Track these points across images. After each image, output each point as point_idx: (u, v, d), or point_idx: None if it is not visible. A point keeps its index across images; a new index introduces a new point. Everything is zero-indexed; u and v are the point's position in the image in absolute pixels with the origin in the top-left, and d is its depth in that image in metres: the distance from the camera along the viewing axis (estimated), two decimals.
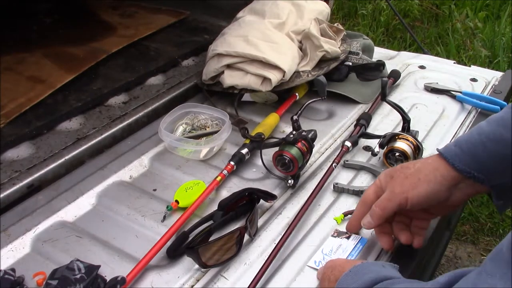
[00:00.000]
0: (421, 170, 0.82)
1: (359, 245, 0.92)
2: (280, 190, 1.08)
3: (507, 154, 0.76)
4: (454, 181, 0.80)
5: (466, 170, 0.79)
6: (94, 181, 1.09)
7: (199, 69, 1.47)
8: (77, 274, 0.82)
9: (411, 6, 3.62)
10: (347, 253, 0.90)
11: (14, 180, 1.05)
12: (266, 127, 1.21)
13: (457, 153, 0.80)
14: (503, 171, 0.78)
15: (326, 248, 0.92)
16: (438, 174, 0.80)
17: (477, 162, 0.78)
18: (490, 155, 0.78)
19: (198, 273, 0.88)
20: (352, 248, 0.91)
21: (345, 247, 0.92)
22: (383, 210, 0.83)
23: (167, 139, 1.17)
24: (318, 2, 1.52)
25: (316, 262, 0.89)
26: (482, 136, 0.79)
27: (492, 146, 0.78)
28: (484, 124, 0.82)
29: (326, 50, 1.33)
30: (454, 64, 1.62)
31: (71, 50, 1.54)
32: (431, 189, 0.80)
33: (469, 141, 0.80)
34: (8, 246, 0.93)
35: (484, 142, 0.78)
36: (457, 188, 0.81)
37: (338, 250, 0.91)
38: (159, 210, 1.01)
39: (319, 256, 0.91)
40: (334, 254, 0.90)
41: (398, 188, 0.82)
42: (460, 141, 0.82)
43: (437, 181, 0.80)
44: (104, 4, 1.89)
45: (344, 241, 0.93)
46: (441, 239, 1.13)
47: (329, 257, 0.90)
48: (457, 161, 0.79)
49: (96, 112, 1.30)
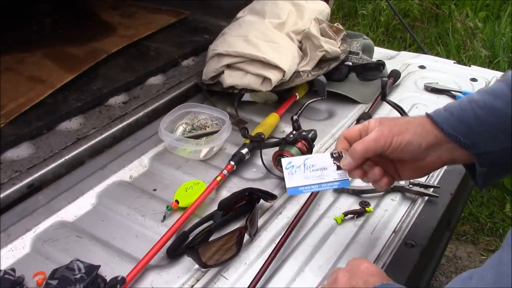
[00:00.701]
0: (410, 122, 0.84)
1: (337, 183, 0.87)
2: (280, 190, 1.08)
3: (495, 122, 0.77)
4: (436, 140, 0.81)
5: (453, 133, 0.80)
6: (94, 181, 1.09)
7: (199, 69, 1.47)
8: (77, 274, 0.82)
9: (411, 6, 3.62)
10: (320, 181, 0.85)
11: (14, 180, 1.05)
12: (266, 127, 1.21)
13: (447, 117, 0.81)
14: (489, 139, 0.78)
15: (312, 161, 0.87)
16: (423, 129, 0.82)
17: (465, 127, 0.80)
18: (478, 122, 0.79)
19: (198, 273, 0.88)
20: (329, 181, 0.86)
21: (325, 175, 0.86)
22: (366, 149, 0.82)
23: (167, 139, 1.17)
24: (318, 2, 1.52)
25: (291, 163, 0.86)
26: (473, 104, 0.81)
27: (481, 113, 0.79)
28: (475, 94, 0.84)
29: (326, 50, 1.33)
30: (454, 64, 1.62)
31: (71, 50, 1.54)
32: (414, 140, 0.81)
33: (459, 107, 0.82)
34: (8, 246, 0.93)
35: (474, 109, 0.80)
36: (435, 150, 0.82)
37: (317, 172, 0.86)
38: (159, 210, 1.01)
39: (298, 161, 0.86)
40: (310, 172, 0.85)
41: (386, 131, 0.82)
42: (450, 107, 0.83)
43: (421, 135, 0.81)
44: (104, 4, 1.89)
45: (332, 168, 0.87)
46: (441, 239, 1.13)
47: (304, 170, 0.85)
48: (446, 125, 0.81)
49: (96, 112, 1.30)
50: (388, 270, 0.89)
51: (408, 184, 1.07)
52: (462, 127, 0.80)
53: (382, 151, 0.83)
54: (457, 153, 0.81)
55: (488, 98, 0.80)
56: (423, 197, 1.07)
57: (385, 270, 0.90)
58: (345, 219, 1.00)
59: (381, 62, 1.42)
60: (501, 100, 0.78)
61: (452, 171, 1.15)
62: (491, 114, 0.78)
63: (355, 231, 0.98)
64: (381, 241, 0.95)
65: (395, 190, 1.07)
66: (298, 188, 0.85)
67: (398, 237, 0.97)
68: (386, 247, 0.94)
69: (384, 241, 0.95)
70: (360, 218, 1.01)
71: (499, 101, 0.78)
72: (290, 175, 0.85)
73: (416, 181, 1.07)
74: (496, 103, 0.78)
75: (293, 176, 0.85)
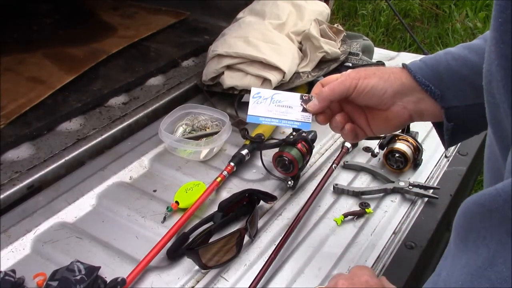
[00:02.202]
0: (380, 69, 0.83)
1: (298, 123, 0.85)
2: (280, 191, 1.08)
3: (466, 74, 0.77)
4: (403, 88, 0.80)
5: (424, 82, 0.79)
6: (94, 182, 1.09)
7: (199, 70, 1.47)
8: (77, 275, 0.82)
9: (411, 6, 3.62)
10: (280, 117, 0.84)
11: (14, 181, 1.05)
12: (266, 128, 1.21)
13: (420, 66, 0.81)
14: (459, 93, 0.78)
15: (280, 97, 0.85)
16: (392, 75, 0.81)
17: (437, 78, 0.79)
18: (451, 74, 0.79)
19: (198, 274, 0.89)
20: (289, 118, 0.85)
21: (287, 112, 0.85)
22: (332, 91, 0.81)
23: (167, 140, 1.17)
24: (318, 2, 1.52)
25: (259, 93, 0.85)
26: (448, 56, 0.81)
27: (455, 65, 0.79)
28: (452, 48, 0.83)
29: (326, 51, 1.33)
30: None
31: (71, 51, 1.54)
32: (379, 84, 0.80)
33: (434, 58, 0.82)
34: (9, 247, 0.93)
35: (449, 60, 0.80)
36: (402, 99, 0.81)
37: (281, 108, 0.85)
38: (159, 211, 1.02)
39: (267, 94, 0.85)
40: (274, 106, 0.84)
41: (353, 74, 0.81)
42: (425, 58, 0.83)
43: (388, 81, 0.80)
44: (105, 5, 1.89)
45: (297, 108, 0.85)
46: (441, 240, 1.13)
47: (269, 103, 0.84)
48: (419, 73, 0.80)
49: (96, 112, 1.30)
50: (388, 271, 0.90)
51: (407, 186, 1.07)
52: (434, 77, 0.79)
53: (348, 94, 0.81)
54: (425, 104, 0.80)
55: (464, 51, 0.80)
56: (422, 198, 1.07)
57: (385, 271, 0.90)
58: (345, 220, 1.00)
59: (381, 63, 1.42)
60: (476, 53, 0.78)
61: (452, 172, 1.15)
62: (464, 66, 0.78)
63: (355, 232, 0.98)
64: (381, 242, 0.95)
65: (395, 191, 1.07)
66: (258, 117, 0.85)
67: (398, 238, 0.97)
68: (386, 248, 0.94)
69: (384, 243, 0.95)
70: (360, 219, 1.01)
71: (474, 54, 0.78)
72: (255, 104, 0.85)
73: (415, 182, 1.07)
74: (470, 56, 0.78)
75: (257, 105, 0.85)
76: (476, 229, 0.49)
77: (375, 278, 0.73)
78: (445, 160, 1.19)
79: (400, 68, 0.83)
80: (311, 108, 0.83)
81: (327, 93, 0.82)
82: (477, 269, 0.47)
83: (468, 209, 0.50)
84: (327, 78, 0.86)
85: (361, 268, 0.75)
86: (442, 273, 0.54)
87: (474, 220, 0.49)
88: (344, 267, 0.90)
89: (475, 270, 0.47)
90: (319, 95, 0.82)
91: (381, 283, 0.73)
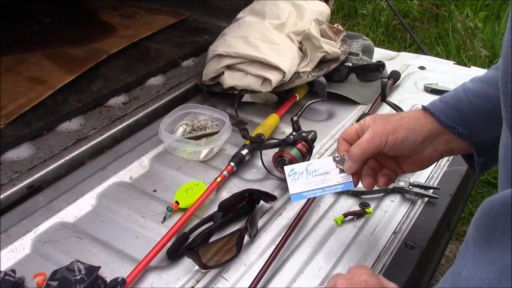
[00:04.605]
0: (404, 117, 0.83)
1: (340, 186, 0.86)
2: (280, 191, 1.08)
3: (491, 109, 0.77)
4: (430, 133, 0.81)
5: (450, 124, 0.80)
6: (94, 182, 1.09)
7: (199, 70, 1.47)
8: (77, 275, 0.82)
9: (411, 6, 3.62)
10: (323, 185, 0.85)
11: (14, 181, 1.05)
12: (266, 128, 1.21)
13: (443, 108, 0.81)
14: (486, 128, 0.78)
15: (314, 166, 0.86)
16: (418, 124, 0.82)
17: (462, 118, 0.80)
18: (475, 111, 0.79)
19: (198, 274, 0.89)
20: (332, 184, 0.86)
21: (327, 178, 0.86)
22: (363, 151, 0.82)
23: (167, 140, 1.17)
24: (318, 2, 1.52)
25: (293, 170, 0.85)
26: (468, 93, 0.81)
27: (477, 102, 0.79)
28: (469, 83, 0.83)
29: (326, 51, 1.33)
30: (454, 65, 1.62)
31: (71, 51, 1.54)
32: (408, 136, 0.81)
33: (455, 97, 0.82)
34: (9, 247, 0.93)
35: (470, 98, 0.80)
36: (432, 142, 0.82)
37: (320, 176, 0.86)
38: (159, 211, 1.02)
39: (300, 168, 0.86)
40: (313, 177, 0.85)
41: (380, 130, 0.82)
42: (445, 97, 0.83)
43: (416, 130, 0.81)
44: (104, 5, 1.89)
45: (335, 172, 0.86)
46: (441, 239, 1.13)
47: (307, 176, 0.85)
48: (443, 116, 0.80)
49: (96, 112, 1.30)
50: (388, 271, 0.90)
51: (408, 185, 1.07)
52: (458, 117, 0.80)
53: (379, 150, 0.82)
54: (455, 143, 0.81)
55: (483, 86, 0.80)
56: (423, 198, 1.07)
57: (385, 271, 0.90)
58: (345, 220, 1.00)
59: (381, 63, 1.42)
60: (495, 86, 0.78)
61: (452, 172, 1.15)
62: (487, 102, 0.78)
63: (355, 232, 0.98)
64: (381, 242, 0.95)
65: (395, 191, 1.07)
66: (301, 193, 0.85)
67: (398, 238, 0.97)
68: (386, 248, 0.94)
69: (384, 242, 0.95)
70: (360, 219, 1.01)
71: (494, 88, 0.78)
72: (293, 181, 0.85)
73: (415, 182, 1.07)
74: (491, 90, 0.78)
75: (295, 182, 0.85)
76: (502, 228, 0.51)
77: (373, 277, 0.73)
78: (445, 160, 1.19)
79: (422, 111, 0.83)
80: (348, 170, 0.86)
81: (358, 154, 0.83)
82: (504, 266, 0.49)
83: (493, 208, 0.52)
84: (347, 132, 0.87)
85: (359, 268, 0.75)
86: (463, 271, 0.55)
87: (499, 219, 0.51)
88: (344, 267, 0.90)
89: (502, 267, 0.49)
90: (351, 156, 0.84)
91: (380, 282, 0.73)
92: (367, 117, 0.87)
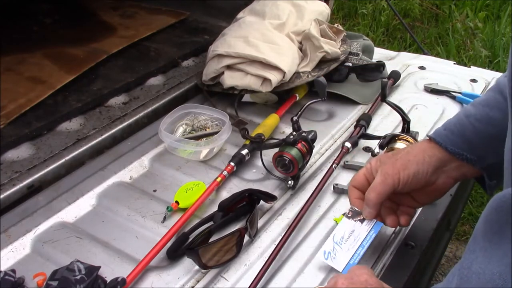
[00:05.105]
0: (410, 152, 0.84)
1: (372, 232, 0.87)
2: (280, 191, 1.08)
3: (495, 132, 0.77)
4: (440, 162, 0.82)
5: (458, 152, 0.80)
6: (94, 182, 1.09)
7: (199, 70, 1.47)
8: (77, 275, 0.82)
9: (411, 6, 3.62)
10: (359, 243, 0.86)
11: (14, 181, 1.05)
12: (266, 128, 1.21)
13: (448, 136, 0.82)
14: (493, 151, 0.78)
15: (338, 234, 0.87)
16: (425, 155, 0.82)
17: (468, 144, 0.80)
18: (479, 136, 0.79)
19: (198, 274, 0.89)
20: (365, 236, 0.86)
21: (357, 235, 0.86)
22: (379, 195, 0.83)
23: (167, 139, 1.17)
24: (318, 2, 1.52)
25: (325, 253, 0.85)
26: (471, 118, 0.81)
27: (480, 127, 0.79)
28: (470, 107, 0.84)
29: (326, 51, 1.33)
30: (454, 64, 1.62)
31: (71, 51, 1.54)
32: (419, 169, 0.81)
33: (458, 124, 0.82)
34: (9, 247, 0.93)
35: (473, 123, 0.80)
36: (443, 170, 0.82)
37: (350, 238, 0.86)
38: (159, 211, 1.02)
39: (329, 246, 0.86)
40: (345, 244, 0.85)
41: (391, 170, 0.82)
42: (449, 125, 0.83)
43: (425, 162, 0.81)
44: (104, 5, 1.89)
45: (358, 225, 0.87)
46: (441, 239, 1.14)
47: (340, 247, 0.85)
48: (449, 144, 0.81)
49: (96, 112, 1.30)
50: (388, 271, 0.90)
51: None
52: (464, 144, 0.80)
53: (394, 190, 0.83)
54: (465, 169, 0.82)
55: (484, 110, 0.80)
56: None
57: (385, 271, 0.90)
58: None
59: (381, 63, 1.42)
60: (497, 109, 0.79)
61: None
62: (490, 125, 0.79)
63: None
64: (381, 242, 0.95)
65: None
66: (349, 264, 0.85)
67: (398, 238, 0.97)
68: (386, 248, 0.94)
69: (384, 242, 0.95)
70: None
71: (495, 110, 0.79)
72: (334, 260, 0.85)
73: None
74: (493, 114, 0.79)
75: (337, 259, 0.85)
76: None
77: (374, 277, 0.73)
78: None
79: (427, 142, 0.83)
80: (368, 217, 0.86)
81: (375, 198, 0.83)
82: None
83: (504, 203, 0.53)
84: (356, 179, 0.87)
85: (359, 268, 0.75)
86: (473, 266, 0.55)
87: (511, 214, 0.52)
88: None
89: None
90: (368, 202, 0.84)
91: (380, 282, 0.73)
92: (372, 161, 0.87)
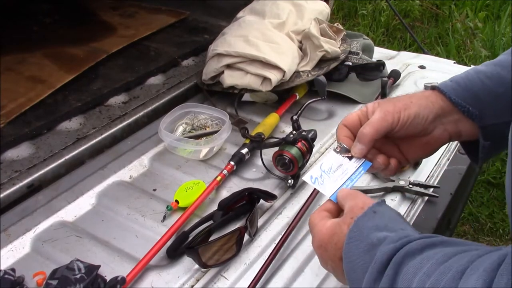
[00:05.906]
0: (413, 96, 0.81)
1: (361, 169, 0.82)
2: (280, 190, 1.08)
3: (503, 92, 0.76)
4: (441, 111, 0.80)
5: (461, 103, 0.78)
6: (94, 181, 1.09)
7: (199, 69, 1.47)
8: (77, 274, 0.82)
9: (411, 6, 3.62)
10: (347, 176, 0.82)
11: (14, 180, 1.05)
12: (266, 127, 1.21)
13: (454, 87, 0.80)
14: (497, 110, 0.77)
15: (326, 164, 0.83)
16: (428, 101, 0.80)
17: (473, 97, 0.78)
18: (486, 92, 0.78)
19: (198, 273, 0.88)
20: (353, 171, 0.82)
21: (345, 169, 0.82)
22: (376, 131, 0.79)
23: (167, 139, 1.17)
24: (318, 2, 1.52)
25: (312, 177, 0.82)
26: (480, 74, 0.79)
27: (489, 84, 0.78)
28: (481, 66, 0.82)
29: (326, 50, 1.33)
30: (454, 64, 1.62)
31: (71, 50, 1.54)
32: (420, 112, 0.79)
33: (466, 78, 0.81)
34: (8, 246, 0.93)
35: (482, 79, 0.79)
36: (442, 122, 0.80)
37: (338, 170, 0.83)
38: (159, 210, 1.01)
39: (316, 172, 0.83)
40: (333, 174, 0.82)
41: (391, 108, 0.79)
42: (456, 78, 0.82)
43: (427, 107, 0.79)
44: (104, 5, 1.89)
45: (346, 161, 0.83)
46: None
47: (327, 176, 0.82)
48: (454, 94, 0.79)
49: (96, 112, 1.30)
50: None
51: (408, 184, 1.07)
52: (469, 97, 0.78)
53: (391, 129, 0.79)
54: (463, 125, 0.80)
55: (496, 69, 0.79)
56: (423, 197, 1.07)
57: None
58: None
59: (381, 62, 1.42)
60: (508, 70, 0.77)
61: (452, 171, 1.15)
62: (499, 84, 0.77)
63: None
64: None
65: (395, 190, 1.07)
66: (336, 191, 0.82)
67: None
68: None
69: None
70: None
71: (506, 71, 0.77)
72: (321, 185, 0.83)
73: (416, 181, 1.07)
74: (504, 73, 0.77)
75: (324, 185, 0.82)
76: None
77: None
78: (445, 159, 1.19)
79: (432, 91, 0.82)
80: (358, 154, 0.81)
81: (370, 134, 0.79)
82: None
83: None
84: (348, 118, 0.83)
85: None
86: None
87: None
88: None
89: None
90: (362, 138, 0.80)
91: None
92: (369, 104, 0.84)
